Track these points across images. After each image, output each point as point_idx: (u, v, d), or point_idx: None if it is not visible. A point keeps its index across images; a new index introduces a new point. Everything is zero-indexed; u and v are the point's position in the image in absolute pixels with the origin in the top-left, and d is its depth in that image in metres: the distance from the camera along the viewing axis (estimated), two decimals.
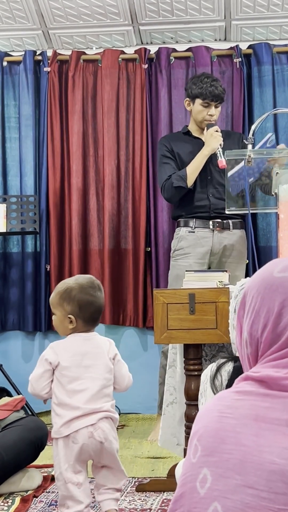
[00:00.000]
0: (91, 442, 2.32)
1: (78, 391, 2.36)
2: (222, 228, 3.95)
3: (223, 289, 2.73)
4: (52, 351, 2.41)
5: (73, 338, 2.44)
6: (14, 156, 4.79)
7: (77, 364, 2.39)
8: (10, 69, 4.82)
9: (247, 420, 1.14)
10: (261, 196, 3.33)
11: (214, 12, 4.48)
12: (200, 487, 1.14)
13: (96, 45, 4.79)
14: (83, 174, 4.69)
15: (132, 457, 3.47)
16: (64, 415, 2.34)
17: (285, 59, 4.59)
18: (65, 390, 2.36)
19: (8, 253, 4.78)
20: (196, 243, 3.95)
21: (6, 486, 2.86)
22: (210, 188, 3.95)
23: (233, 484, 1.10)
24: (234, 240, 3.97)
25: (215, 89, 3.88)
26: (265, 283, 1.25)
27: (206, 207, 3.95)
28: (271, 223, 4.48)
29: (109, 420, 2.39)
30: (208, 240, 3.94)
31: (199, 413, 1.22)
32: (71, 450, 2.32)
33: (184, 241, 3.97)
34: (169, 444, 2.97)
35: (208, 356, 2.91)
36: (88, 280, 2.47)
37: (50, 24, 4.62)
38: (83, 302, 2.42)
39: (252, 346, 1.25)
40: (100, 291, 2.48)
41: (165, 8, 4.46)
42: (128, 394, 4.45)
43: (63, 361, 2.38)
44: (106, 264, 4.59)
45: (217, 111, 3.95)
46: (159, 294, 2.74)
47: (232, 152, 3.29)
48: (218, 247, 3.94)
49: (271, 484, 1.08)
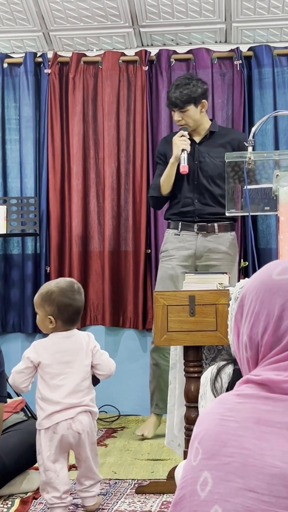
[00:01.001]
0: (69, 433, 2.54)
1: (59, 385, 2.56)
2: (207, 232, 3.95)
3: (223, 291, 2.73)
4: (33, 350, 2.61)
5: (54, 336, 2.65)
6: (14, 158, 4.79)
7: (58, 361, 2.58)
8: (10, 71, 4.82)
9: (248, 424, 1.13)
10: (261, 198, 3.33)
11: (214, 14, 4.49)
12: (200, 490, 1.13)
13: (96, 47, 4.79)
14: (84, 176, 4.69)
15: (131, 459, 3.47)
16: (46, 409, 2.55)
17: (286, 61, 4.59)
18: (48, 385, 2.57)
19: (8, 254, 4.78)
20: (180, 246, 3.97)
21: (6, 488, 2.86)
22: (196, 193, 3.96)
23: (234, 487, 1.10)
24: (220, 243, 3.95)
25: (172, 95, 3.90)
26: (264, 286, 1.24)
27: (191, 212, 3.97)
28: (271, 225, 4.49)
29: (87, 414, 2.59)
30: (192, 243, 3.96)
31: (200, 416, 1.22)
32: (52, 440, 2.54)
33: (169, 243, 4.01)
34: (174, 444, 2.97)
35: (207, 359, 2.91)
36: (68, 283, 2.66)
37: (51, 26, 4.63)
38: (62, 305, 2.61)
39: (252, 350, 1.24)
40: (79, 294, 2.66)
41: (165, 10, 4.46)
42: (128, 396, 4.47)
43: (44, 359, 2.58)
44: (106, 266, 4.59)
45: (185, 115, 3.92)
46: (159, 296, 2.75)
47: (232, 154, 3.29)
48: (202, 250, 3.95)
49: (272, 487, 1.08)
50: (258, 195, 3.25)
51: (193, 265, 3.98)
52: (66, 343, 2.62)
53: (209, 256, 3.94)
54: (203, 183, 3.94)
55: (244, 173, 3.14)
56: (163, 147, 4.08)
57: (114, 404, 4.53)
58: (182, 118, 3.93)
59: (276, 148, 4.51)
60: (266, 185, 3.20)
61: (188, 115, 3.92)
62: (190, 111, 3.92)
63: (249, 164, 3.11)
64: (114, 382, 4.59)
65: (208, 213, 3.93)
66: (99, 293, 4.68)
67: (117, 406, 4.51)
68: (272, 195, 3.10)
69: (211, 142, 3.99)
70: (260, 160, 3.16)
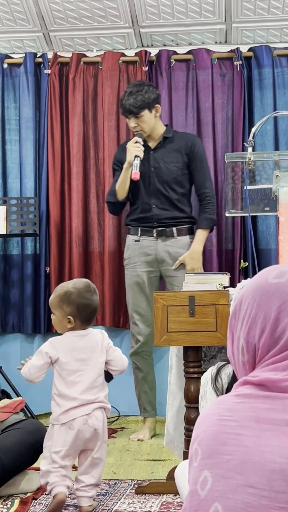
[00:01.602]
0: (85, 429, 2.60)
1: (76, 382, 2.63)
2: (166, 236, 4.02)
3: (223, 292, 2.73)
4: (51, 346, 2.67)
5: (70, 334, 2.71)
6: (14, 158, 4.79)
7: (75, 358, 2.66)
8: (10, 71, 4.82)
9: (248, 422, 1.14)
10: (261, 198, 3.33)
11: (214, 15, 4.49)
12: (200, 489, 1.14)
13: (96, 47, 4.79)
14: (84, 176, 4.69)
15: (131, 460, 3.47)
16: (64, 405, 2.61)
17: (286, 62, 4.59)
18: (65, 382, 2.63)
19: (8, 255, 4.78)
20: (141, 252, 4.05)
21: (5, 488, 2.86)
22: (153, 199, 4.03)
23: (234, 484, 1.11)
24: (180, 247, 4.02)
25: (126, 102, 3.97)
26: (260, 290, 1.25)
27: (149, 217, 4.04)
28: (271, 226, 4.48)
29: (102, 410, 2.68)
30: (152, 248, 4.03)
31: (199, 418, 1.22)
32: (67, 436, 2.59)
33: (131, 250, 4.09)
34: (173, 445, 2.97)
35: (207, 357, 2.91)
36: (85, 284, 2.75)
37: (51, 26, 4.63)
38: (81, 305, 2.69)
39: (249, 353, 1.25)
40: (95, 294, 2.76)
41: (165, 11, 4.46)
42: (128, 396, 4.47)
43: (63, 356, 2.65)
44: (106, 267, 4.59)
45: (141, 121, 4.00)
46: (159, 297, 2.75)
47: (231, 154, 3.29)
48: (163, 255, 4.01)
49: (272, 483, 1.08)
50: (258, 195, 3.25)
51: (157, 270, 4.07)
52: (82, 341, 2.69)
53: (170, 260, 4.02)
54: (159, 189, 4.02)
55: (244, 173, 3.14)
56: (119, 154, 4.17)
57: (114, 405, 4.50)
58: (137, 124, 4.00)
59: (276, 149, 4.51)
60: (266, 185, 3.20)
61: (143, 120, 4.00)
62: (144, 117, 4.00)
63: (249, 164, 3.11)
64: (114, 383, 4.57)
65: (166, 218, 4.02)
66: (99, 294, 4.66)
67: (117, 407, 4.51)
68: (272, 195, 3.10)
69: (166, 148, 4.07)
70: (260, 160, 3.16)
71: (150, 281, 4.07)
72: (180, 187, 4.05)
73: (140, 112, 3.97)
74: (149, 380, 4.12)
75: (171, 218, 4.02)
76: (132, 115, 3.99)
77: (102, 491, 2.89)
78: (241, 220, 4.50)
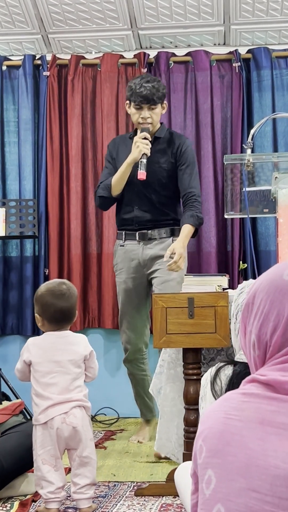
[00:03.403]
0: (64, 427, 2.58)
1: (50, 384, 2.61)
2: (149, 239, 3.80)
3: (222, 293, 2.73)
4: (27, 348, 2.68)
5: (47, 335, 2.70)
6: (13, 160, 4.80)
7: (48, 359, 2.63)
8: (9, 73, 4.82)
9: (252, 424, 1.14)
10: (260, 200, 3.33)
11: (213, 17, 4.49)
12: (205, 488, 1.14)
13: (95, 49, 4.79)
14: (82, 178, 4.70)
15: (131, 462, 3.47)
16: (41, 404, 2.60)
17: (284, 64, 4.60)
18: (39, 383, 2.63)
19: (7, 257, 4.78)
20: (126, 257, 3.85)
21: (5, 490, 2.86)
22: (136, 200, 3.80)
23: (237, 487, 1.10)
24: (162, 249, 3.74)
25: (144, 90, 3.64)
26: (274, 286, 1.24)
27: (131, 219, 3.82)
28: (270, 227, 4.49)
29: (81, 409, 2.62)
30: (136, 252, 3.82)
31: (205, 413, 1.22)
32: (48, 435, 2.58)
33: (117, 255, 3.90)
34: (164, 449, 2.97)
35: (206, 359, 2.91)
36: (56, 284, 2.72)
37: (50, 28, 4.63)
38: (44, 305, 2.67)
39: (260, 349, 1.24)
40: (65, 296, 2.67)
41: (164, 13, 4.47)
42: (127, 398, 4.47)
43: (35, 357, 2.64)
44: (105, 268, 4.59)
45: (154, 113, 3.71)
46: (158, 298, 2.75)
47: (230, 156, 3.29)
48: (145, 259, 3.80)
49: (275, 488, 1.08)
50: (257, 197, 3.25)
51: (142, 275, 3.84)
52: (58, 343, 2.67)
53: (153, 263, 3.79)
54: (142, 190, 3.77)
55: (243, 175, 3.14)
56: (113, 147, 3.92)
57: (113, 407, 4.53)
58: (150, 115, 3.71)
59: (275, 150, 4.52)
60: (265, 187, 3.20)
61: (156, 113, 3.74)
62: (157, 109, 3.74)
63: (248, 166, 3.11)
64: (113, 385, 4.60)
65: (147, 220, 3.79)
66: (98, 295, 4.68)
67: (116, 409, 4.51)
68: (271, 197, 3.10)
69: (154, 147, 3.75)
70: (259, 162, 3.16)
71: (136, 289, 3.87)
72: (164, 189, 3.80)
73: (157, 103, 3.70)
74: (145, 385, 3.99)
75: (152, 221, 3.80)
76: (149, 104, 3.68)
77: (102, 493, 2.89)
78: (240, 221, 4.50)
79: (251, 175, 3.19)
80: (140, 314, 3.87)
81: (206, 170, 4.57)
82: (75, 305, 2.72)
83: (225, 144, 4.63)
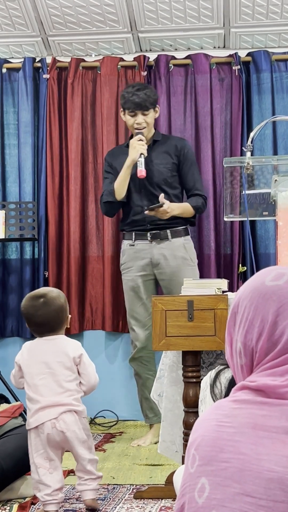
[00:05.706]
0: (54, 432, 2.60)
1: (39, 385, 2.65)
2: (161, 239, 3.95)
3: (222, 296, 2.73)
4: (20, 352, 2.75)
5: (38, 339, 2.76)
6: (13, 162, 4.80)
7: (38, 360, 2.67)
8: (9, 76, 4.82)
9: (245, 429, 1.13)
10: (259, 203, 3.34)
11: (213, 20, 4.50)
12: (198, 496, 1.13)
13: (95, 52, 4.80)
14: (82, 180, 4.70)
15: (130, 464, 3.47)
16: (31, 408, 2.65)
17: (284, 67, 4.60)
18: (29, 385, 2.67)
19: (7, 259, 4.78)
20: (136, 256, 3.99)
21: (4, 493, 2.86)
22: (145, 200, 3.96)
23: (232, 492, 1.10)
24: (174, 249, 3.95)
25: (136, 97, 3.88)
26: (257, 292, 1.24)
27: (142, 220, 3.97)
28: (269, 230, 4.49)
29: (72, 413, 2.64)
30: (147, 252, 3.97)
31: (196, 422, 1.22)
32: (40, 440, 2.61)
33: (126, 255, 4.04)
34: (168, 451, 2.97)
35: (205, 363, 2.91)
36: (34, 293, 2.78)
37: (50, 31, 4.64)
38: (25, 316, 2.77)
39: (246, 356, 1.24)
40: (41, 307, 2.70)
41: (164, 16, 4.47)
42: (126, 401, 4.47)
43: (25, 359, 2.70)
44: (105, 271, 4.59)
45: (148, 118, 3.93)
46: (158, 301, 2.74)
47: (230, 159, 3.29)
48: (158, 258, 3.95)
49: (269, 492, 1.08)
50: (256, 200, 3.25)
51: (151, 274, 4.00)
52: (47, 345, 2.70)
53: (165, 263, 3.95)
54: (151, 190, 3.95)
55: (242, 178, 3.14)
56: (110, 159, 4.11)
57: (112, 409, 4.53)
58: (144, 120, 3.93)
59: (275, 153, 4.52)
60: (264, 190, 3.20)
61: (149, 117, 3.96)
62: (150, 114, 3.96)
63: (247, 169, 3.11)
64: (113, 387, 4.59)
65: (160, 220, 3.90)
66: (98, 298, 4.68)
67: (115, 411, 4.51)
68: (271, 200, 3.11)
69: (155, 150, 4.01)
70: (259, 165, 3.16)
71: (145, 285, 4.01)
72: (171, 188, 3.98)
73: (150, 108, 3.92)
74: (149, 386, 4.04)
75: (164, 221, 3.92)
76: (142, 110, 3.90)
77: (101, 496, 2.88)
78: (239, 224, 4.50)
79: (251, 178, 3.19)
80: (148, 311, 3.91)
81: (206, 173, 4.57)
82: (58, 312, 2.72)
83: (225, 147, 4.63)
